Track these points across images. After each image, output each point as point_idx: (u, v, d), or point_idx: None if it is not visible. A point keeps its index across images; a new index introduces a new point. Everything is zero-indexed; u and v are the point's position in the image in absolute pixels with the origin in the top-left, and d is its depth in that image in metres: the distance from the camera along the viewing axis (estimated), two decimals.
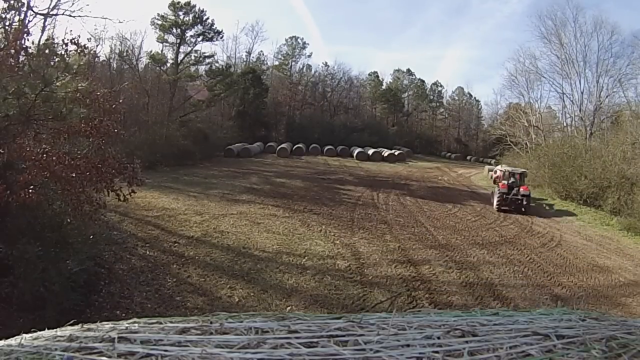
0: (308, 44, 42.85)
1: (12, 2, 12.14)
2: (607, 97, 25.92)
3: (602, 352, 0.71)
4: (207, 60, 30.87)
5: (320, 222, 12.86)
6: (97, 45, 25.54)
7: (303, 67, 41.86)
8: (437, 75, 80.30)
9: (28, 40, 8.73)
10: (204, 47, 32.84)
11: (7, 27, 10.60)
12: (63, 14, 16.17)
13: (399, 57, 68.15)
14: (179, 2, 29.03)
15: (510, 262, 10.46)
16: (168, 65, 29.81)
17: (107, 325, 0.82)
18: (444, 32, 68.18)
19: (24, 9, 13.76)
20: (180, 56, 29.84)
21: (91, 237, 7.71)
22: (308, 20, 64.87)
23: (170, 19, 29.22)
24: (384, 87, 44.86)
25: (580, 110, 26.85)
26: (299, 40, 41.02)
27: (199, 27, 29.61)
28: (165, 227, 11.27)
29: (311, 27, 63.96)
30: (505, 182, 17.45)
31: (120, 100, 8.65)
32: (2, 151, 6.25)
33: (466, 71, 70.28)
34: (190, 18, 29.33)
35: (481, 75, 67.05)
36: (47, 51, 8.45)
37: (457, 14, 66.93)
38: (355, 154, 32.03)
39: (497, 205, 16.55)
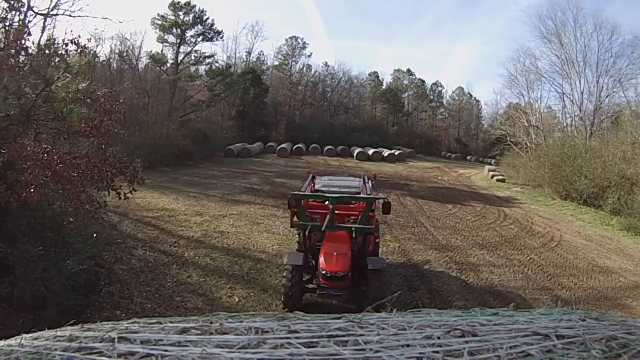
0: (308, 43, 42.88)
1: (12, 2, 12.16)
2: (607, 97, 25.94)
3: (602, 352, 0.71)
4: (207, 60, 30.92)
5: None
6: (97, 45, 25.58)
7: (303, 67, 41.91)
8: (444, 71, 75.29)
9: (28, 40, 8.75)
10: (204, 47, 33.07)
11: (7, 27, 10.62)
12: (63, 14, 16.19)
13: (404, 53, 64.43)
14: (179, 2, 29.05)
15: (510, 262, 10.46)
16: (168, 65, 29.84)
17: (107, 325, 0.82)
18: (455, 25, 65.47)
19: (24, 9, 13.77)
20: (180, 56, 29.87)
21: (94, 235, 7.72)
22: (312, 12, 63.14)
23: (170, 19, 29.24)
24: (384, 87, 44.86)
25: (580, 110, 26.86)
26: (299, 40, 41.07)
27: (199, 27, 29.64)
28: (165, 227, 11.27)
29: (315, 20, 62.58)
30: None
31: (121, 100, 8.63)
32: (2, 151, 6.25)
33: (474, 68, 66.72)
34: (190, 18, 29.35)
35: (490, 72, 64.14)
36: (47, 51, 8.44)
37: (470, 4, 64.12)
38: (355, 154, 32.03)
39: None
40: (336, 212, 6.87)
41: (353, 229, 7.08)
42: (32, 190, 5.81)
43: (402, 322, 0.80)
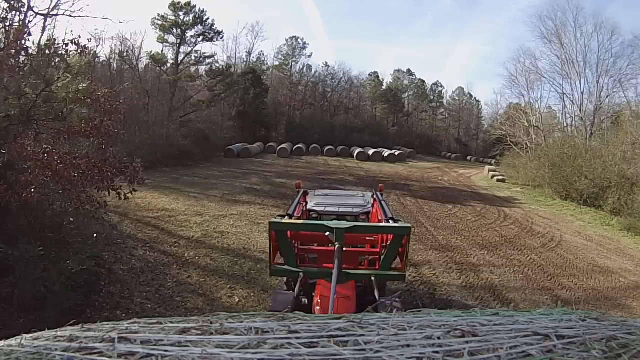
0: (308, 43, 42.96)
1: (12, 2, 12.16)
2: (607, 97, 25.93)
3: (602, 352, 0.71)
4: (207, 60, 30.91)
5: None
6: (97, 45, 25.52)
7: (303, 67, 41.91)
8: (444, 71, 74.78)
9: (28, 40, 8.76)
10: (204, 47, 33.02)
11: (7, 27, 10.62)
12: (63, 14, 16.14)
13: (404, 53, 65.16)
14: (179, 2, 29.06)
15: (510, 262, 10.46)
16: (168, 65, 29.84)
17: (107, 325, 0.81)
18: (455, 25, 65.50)
19: (24, 9, 13.76)
20: (180, 56, 29.86)
21: (94, 235, 7.71)
22: (312, 12, 62.91)
23: (170, 19, 29.24)
24: (384, 87, 44.89)
25: (580, 110, 26.85)
26: (299, 40, 41.09)
27: (199, 27, 29.65)
28: (165, 227, 11.27)
29: (315, 20, 62.40)
30: None
31: (121, 100, 8.64)
32: (2, 151, 6.25)
33: (474, 68, 66.78)
34: (190, 18, 29.35)
35: (490, 72, 64.10)
36: (47, 51, 8.44)
37: (470, 4, 64.25)
38: (355, 154, 32.03)
39: None
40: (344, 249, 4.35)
41: (372, 277, 4.66)
42: (32, 190, 5.82)
43: (402, 322, 0.79)
